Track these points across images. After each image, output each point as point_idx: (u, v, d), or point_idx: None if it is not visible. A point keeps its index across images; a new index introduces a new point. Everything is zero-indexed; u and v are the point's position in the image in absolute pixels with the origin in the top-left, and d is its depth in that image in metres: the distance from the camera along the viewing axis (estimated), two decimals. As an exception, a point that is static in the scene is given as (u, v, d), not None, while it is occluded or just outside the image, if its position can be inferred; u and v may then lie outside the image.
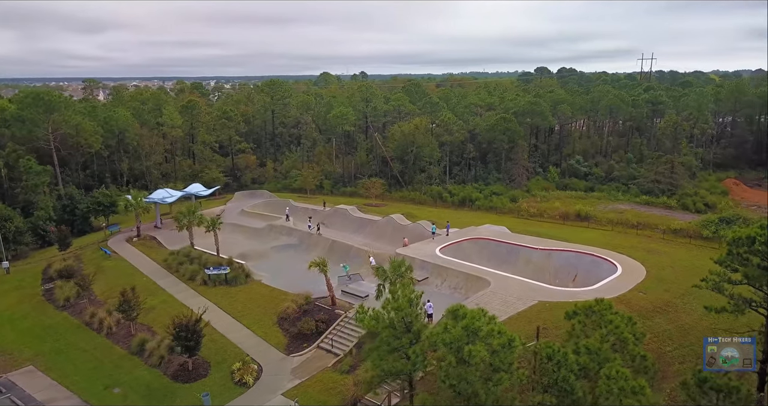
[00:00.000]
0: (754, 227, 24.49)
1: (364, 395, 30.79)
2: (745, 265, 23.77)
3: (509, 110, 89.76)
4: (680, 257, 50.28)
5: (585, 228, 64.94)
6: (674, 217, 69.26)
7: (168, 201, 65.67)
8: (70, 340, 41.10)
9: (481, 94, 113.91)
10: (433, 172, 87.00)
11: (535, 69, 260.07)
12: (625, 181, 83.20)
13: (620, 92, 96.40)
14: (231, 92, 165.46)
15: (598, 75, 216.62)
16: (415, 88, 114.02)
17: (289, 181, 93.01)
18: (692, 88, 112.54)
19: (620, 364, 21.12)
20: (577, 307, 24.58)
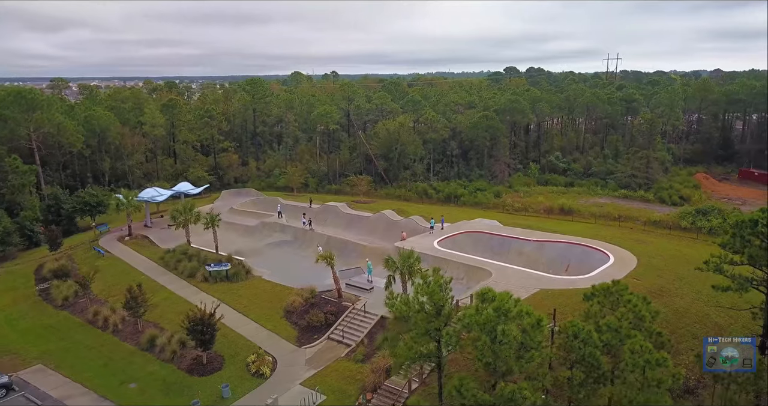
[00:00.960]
0: (756, 212, 26.47)
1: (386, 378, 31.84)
2: (747, 246, 25.64)
3: (490, 108, 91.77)
4: (665, 246, 52.78)
5: (569, 221, 67.24)
6: (652, 209, 72.29)
7: (158, 200, 65.32)
8: (76, 338, 40.89)
9: (460, 93, 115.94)
10: (417, 169, 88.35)
11: (504, 69, 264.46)
12: (603, 176, 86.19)
13: (597, 91, 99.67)
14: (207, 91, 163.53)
15: (566, 74, 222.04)
16: (395, 87, 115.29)
17: (273, 180, 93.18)
18: (662, 87, 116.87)
19: (642, 339, 22.67)
20: (594, 289, 26.13)
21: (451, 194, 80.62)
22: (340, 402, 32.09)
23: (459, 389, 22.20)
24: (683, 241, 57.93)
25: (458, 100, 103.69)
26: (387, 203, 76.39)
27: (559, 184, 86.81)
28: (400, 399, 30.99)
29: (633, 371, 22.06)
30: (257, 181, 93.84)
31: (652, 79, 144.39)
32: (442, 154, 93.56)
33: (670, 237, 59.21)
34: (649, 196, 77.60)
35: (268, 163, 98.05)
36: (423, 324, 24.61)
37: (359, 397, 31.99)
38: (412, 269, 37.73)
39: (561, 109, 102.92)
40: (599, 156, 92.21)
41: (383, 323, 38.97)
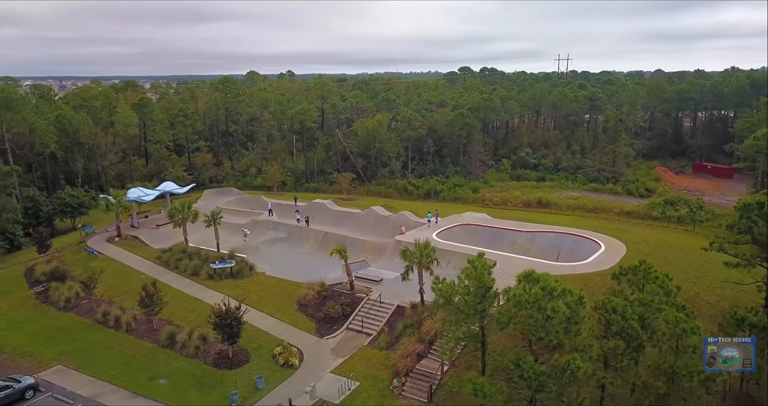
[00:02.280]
0: (759, 195, 29.52)
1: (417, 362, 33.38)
2: (752, 226, 28.63)
3: (463, 106, 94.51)
4: (646, 234, 56.49)
5: (548, 214, 70.52)
6: (623, 201, 76.55)
7: (146, 200, 64.49)
8: (90, 338, 40.48)
9: (432, 92, 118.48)
10: (395, 167, 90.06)
11: (459, 68, 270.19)
12: (573, 171, 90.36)
13: (563, 89, 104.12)
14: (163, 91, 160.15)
15: (518, 74, 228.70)
16: (365, 86, 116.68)
17: (250, 179, 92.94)
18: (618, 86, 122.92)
19: (675, 311, 25.13)
20: (622, 269, 28.54)
21: (430, 190, 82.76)
22: (374, 387, 33.40)
23: (517, 362, 24.01)
24: (657, 229, 62.10)
25: (431, 98, 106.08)
26: (370, 200, 77.76)
27: (532, 179, 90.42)
28: (434, 381, 32.60)
29: (670, 339, 24.45)
30: (232, 181, 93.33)
31: (608, 79, 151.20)
32: (418, 151, 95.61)
33: (644, 226, 63.29)
34: (617, 188, 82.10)
35: (243, 162, 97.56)
36: (472, 305, 26.28)
37: (393, 381, 33.38)
38: (429, 259, 39.32)
39: (528, 108, 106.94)
40: (567, 152, 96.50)
41: (400, 312, 40.58)
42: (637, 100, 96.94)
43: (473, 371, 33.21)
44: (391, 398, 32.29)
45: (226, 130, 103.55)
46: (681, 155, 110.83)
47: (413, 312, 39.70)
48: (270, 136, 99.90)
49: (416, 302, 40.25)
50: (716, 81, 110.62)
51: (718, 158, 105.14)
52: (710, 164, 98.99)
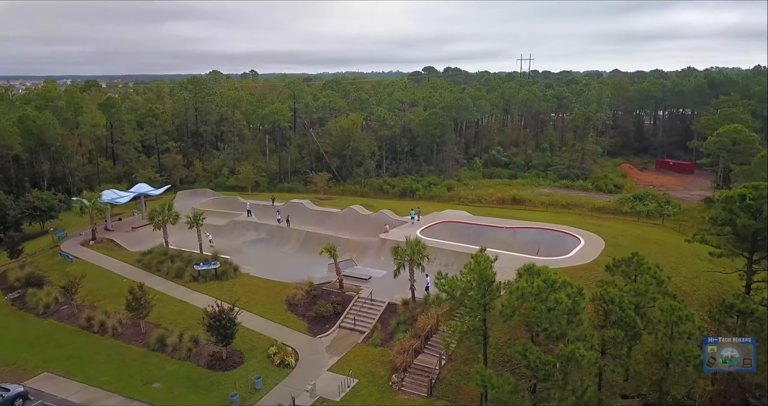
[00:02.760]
0: (740, 188, 31.07)
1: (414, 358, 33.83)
2: (734, 218, 30.14)
3: (435, 106, 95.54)
4: (620, 228, 58.42)
5: (522, 210, 72.02)
6: (593, 197, 78.76)
7: (120, 202, 63.01)
8: (75, 344, 39.45)
9: (404, 91, 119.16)
10: (370, 166, 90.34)
11: (423, 68, 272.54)
12: (543, 168, 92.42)
13: (533, 88, 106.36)
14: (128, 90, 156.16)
15: (482, 74, 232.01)
16: (336, 85, 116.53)
17: (222, 180, 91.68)
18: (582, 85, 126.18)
19: (669, 300, 26.29)
20: (615, 261, 29.64)
21: (406, 189, 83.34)
22: (373, 383, 33.71)
23: (524, 353, 24.72)
24: (628, 223, 64.23)
25: (402, 98, 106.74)
26: (347, 199, 77.88)
27: (503, 177, 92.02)
28: (433, 375, 33.12)
29: (666, 326, 25.59)
30: (204, 182, 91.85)
31: (571, 78, 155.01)
32: (391, 150, 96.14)
33: (616, 220, 65.33)
34: (587, 185, 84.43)
35: (214, 163, 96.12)
36: (476, 299, 26.88)
37: (392, 376, 33.74)
38: (420, 256, 39.84)
39: (497, 107, 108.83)
40: (537, 150, 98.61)
41: (392, 309, 40.97)
42: (603, 99, 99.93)
43: (471, 364, 33.91)
44: (391, 394, 32.67)
45: (196, 130, 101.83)
46: (644, 152, 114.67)
47: (405, 309, 40.16)
48: (241, 136, 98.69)
49: (408, 299, 40.73)
50: (675, 81, 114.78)
51: (679, 155, 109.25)
52: (672, 161, 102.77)
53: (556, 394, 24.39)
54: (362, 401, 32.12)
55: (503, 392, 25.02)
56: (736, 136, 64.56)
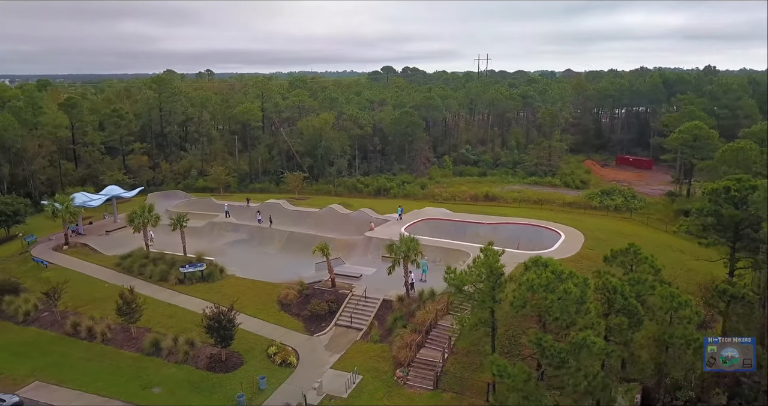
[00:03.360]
0: (724, 180, 32.95)
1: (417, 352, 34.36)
2: (718, 209, 31.97)
3: (405, 105, 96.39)
4: (595, 222, 60.61)
5: (496, 206, 73.62)
6: (562, 193, 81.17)
7: (93, 205, 61.04)
8: (63, 352, 38.19)
9: (373, 90, 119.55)
10: (342, 165, 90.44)
11: (381, 68, 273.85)
12: (512, 165, 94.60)
13: (499, 87, 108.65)
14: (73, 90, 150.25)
15: (440, 73, 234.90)
16: (302, 84, 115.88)
17: (191, 181, 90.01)
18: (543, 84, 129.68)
19: (667, 287, 27.73)
20: (613, 251, 30.98)
21: (380, 188, 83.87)
22: (378, 379, 34.07)
23: (538, 341, 25.61)
24: (599, 217, 66.60)
25: (372, 97, 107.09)
26: (322, 199, 77.85)
27: (473, 174, 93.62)
28: (437, 368, 33.76)
29: (666, 312, 27.00)
30: (172, 184, 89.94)
31: (531, 78, 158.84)
32: (362, 149, 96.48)
33: (587, 215, 67.62)
34: (555, 181, 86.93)
35: (181, 164, 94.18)
36: (486, 291, 27.65)
37: (396, 371, 34.19)
38: (415, 252, 40.44)
39: (464, 106, 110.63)
40: (505, 148, 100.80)
41: (387, 306, 41.41)
42: (566, 97, 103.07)
43: (472, 356, 34.81)
44: (397, 388, 33.12)
45: (161, 131, 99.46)
46: (603, 149, 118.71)
47: (401, 305, 40.68)
48: (209, 136, 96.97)
49: (402, 295, 41.26)
50: (632, 80, 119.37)
51: (637, 151, 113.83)
52: (632, 157, 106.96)
53: (570, 380, 25.36)
54: (369, 396, 32.45)
55: (518, 381, 25.84)
56: (697, 133, 67.87)
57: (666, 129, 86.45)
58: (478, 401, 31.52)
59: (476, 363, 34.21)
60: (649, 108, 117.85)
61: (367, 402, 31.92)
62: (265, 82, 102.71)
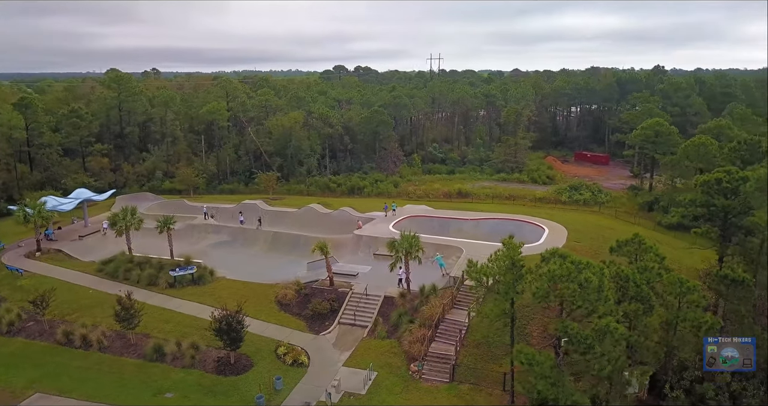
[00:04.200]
0: (716, 173, 35.07)
1: (428, 346, 34.95)
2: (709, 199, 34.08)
3: (373, 104, 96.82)
4: (570, 216, 62.96)
5: (470, 203, 75.24)
6: (531, 188, 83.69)
7: (64, 209, 58.52)
8: (58, 362, 36.61)
9: (338, 90, 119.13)
10: (312, 164, 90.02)
11: (333, 67, 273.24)
12: (479, 163, 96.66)
13: (465, 87, 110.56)
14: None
15: (392, 73, 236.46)
16: (264, 83, 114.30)
17: (157, 183, 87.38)
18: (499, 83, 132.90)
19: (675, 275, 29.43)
20: (619, 242, 32.54)
21: (353, 187, 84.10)
22: (393, 374, 34.45)
23: (565, 329, 26.70)
24: (570, 211, 69.13)
25: (338, 96, 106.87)
26: (296, 199, 77.36)
27: (442, 172, 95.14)
28: (451, 361, 34.45)
29: (675, 297, 28.67)
30: (136, 186, 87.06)
31: (487, 78, 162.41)
32: (331, 149, 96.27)
33: (558, 209, 70.05)
34: (523, 177, 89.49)
35: (145, 165, 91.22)
36: (510, 283, 28.54)
37: (411, 366, 34.67)
38: (417, 249, 41.04)
39: (430, 105, 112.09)
40: (471, 146, 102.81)
41: (388, 302, 41.83)
42: (528, 96, 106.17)
43: (482, 348, 35.75)
44: (414, 383, 33.59)
45: (120, 131, 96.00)
46: (560, 146, 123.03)
47: (403, 301, 41.19)
48: (174, 137, 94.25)
49: (404, 291, 41.79)
50: (587, 79, 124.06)
51: (593, 147, 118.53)
52: (589, 153, 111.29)
53: (596, 365, 26.57)
54: (387, 392, 32.80)
55: (545, 368, 26.87)
56: (659, 129, 71.49)
57: (625, 126, 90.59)
58: (496, 391, 32.44)
59: (488, 355, 35.19)
60: (603, 106, 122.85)
61: (385, 398, 32.27)
62: (230, 82, 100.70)
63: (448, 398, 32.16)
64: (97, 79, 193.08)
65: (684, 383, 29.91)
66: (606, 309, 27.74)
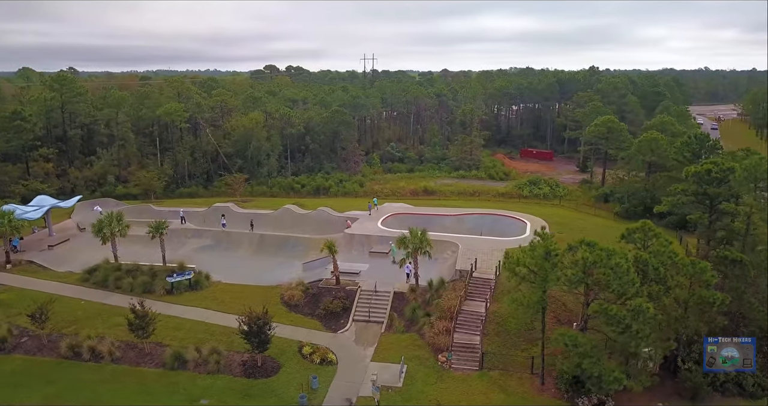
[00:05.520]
0: (705, 164, 38.60)
1: (452, 337, 36.30)
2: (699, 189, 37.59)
3: (326, 103, 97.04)
4: (539, 209, 66.39)
5: (438, 199, 77.54)
6: (490, 185, 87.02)
7: (32, 217, 54.96)
8: (69, 377, 34.84)
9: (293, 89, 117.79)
10: (273, 165, 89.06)
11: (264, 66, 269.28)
12: (437, 161, 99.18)
13: (420, 87, 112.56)
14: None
15: (325, 73, 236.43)
16: (214, 83, 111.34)
17: (110, 188, 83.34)
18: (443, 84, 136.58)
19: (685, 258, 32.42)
20: (629, 230, 35.25)
21: (318, 187, 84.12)
22: (422, 366, 35.50)
23: (605, 310, 28.85)
24: (535, 205, 72.75)
25: (292, 95, 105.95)
26: (266, 200, 76.58)
27: (402, 171, 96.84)
28: (477, 349, 35.97)
29: (690, 278, 31.62)
30: (86, 192, 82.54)
31: (428, 78, 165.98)
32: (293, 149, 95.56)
33: (523, 203, 73.69)
34: (481, 174, 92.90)
35: (94, 169, 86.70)
36: (549, 271, 30.39)
37: (439, 356, 35.87)
38: (427, 244, 42.26)
39: (385, 104, 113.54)
40: (429, 144, 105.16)
41: (399, 297, 42.81)
42: (478, 96, 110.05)
43: (502, 336, 37.55)
44: (445, 372, 34.81)
45: (63, 134, 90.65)
46: (505, 143, 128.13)
47: (414, 295, 42.31)
48: (126, 139, 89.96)
49: (414, 286, 42.91)
50: (531, 79, 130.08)
51: (536, 144, 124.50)
52: (535, 150, 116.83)
53: (632, 343, 28.92)
54: (423, 382, 33.81)
55: (587, 348, 28.93)
56: (611, 126, 76.64)
57: (572, 123, 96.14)
58: (525, 374, 34.26)
59: (508, 342, 37.02)
60: (544, 105, 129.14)
61: (423, 388, 33.29)
62: (182, 82, 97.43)
63: (481, 384, 33.62)
64: (7, 78, 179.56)
65: (693, 356, 32.97)
66: (634, 291, 30.19)
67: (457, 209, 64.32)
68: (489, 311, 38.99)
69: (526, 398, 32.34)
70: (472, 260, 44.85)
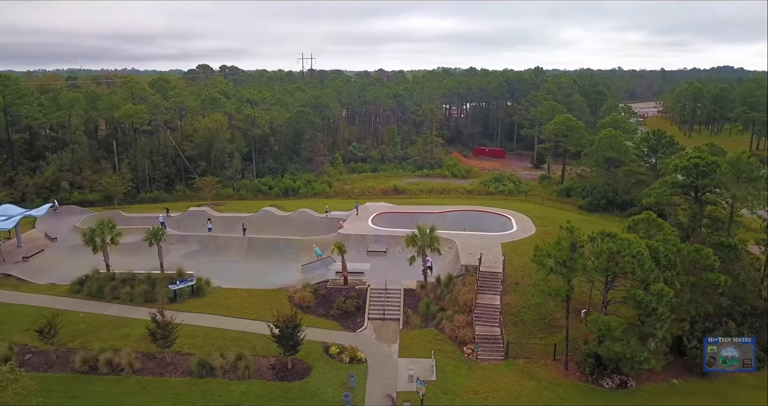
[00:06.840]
0: (693, 159, 41.98)
1: (474, 330, 37.76)
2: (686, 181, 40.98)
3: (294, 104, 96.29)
4: (511, 205, 69.03)
5: (410, 198, 79.05)
6: (456, 182, 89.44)
7: (5, 227, 51.53)
8: (91, 391, 33.41)
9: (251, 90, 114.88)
10: (237, 167, 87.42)
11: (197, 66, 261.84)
12: (399, 160, 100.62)
13: (379, 88, 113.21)
14: None
15: (261, 73, 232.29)
16: (165, 84, 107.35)
17: (65, 195, 78.93)
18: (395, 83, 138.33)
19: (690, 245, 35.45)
20: (634, 220, 37.97)
21: (287, 188, 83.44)
22: (450, 358, 36.66)
23: (633, 295, 31.16)
24: (504, 201, 75.56)
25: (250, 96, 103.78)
26: (237, 203, 75.46)
27: (366, 171, 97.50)
28: (499, 340, 37.58)
29: (696, 263, 34.64)
30: (38, 200, 77.82)
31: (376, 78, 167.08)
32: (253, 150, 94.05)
33: (492, 200, 76.32)
34: (444, 172, 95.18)
35: (45, 175, 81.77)
36: (579, 262, 32.39)
37: (464, 349, 37.19)
38: (437, 242, 43.47)
39: (343, 104, 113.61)
40: (391, 143, 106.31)
41: (409, 294, 43.81)
42: (434, 96, 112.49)
43: (520, 326, 39.37)
44: (474, 364, 36.14)
45: (7, 139, 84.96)
46: (456, 142, 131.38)
47: (424, 291, 43.46)
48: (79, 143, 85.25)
49: (424, 283, 44.05)
50: (479, 79, 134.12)
51: (486, 142, 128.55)
52: (487, 148, 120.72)
53: (658, 324, 31.42)
54: (455, 374, 34.98)
55: (618, 332, 31.17)
56: (570, 124, 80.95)
57: (525, 122, 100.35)
58: (548, 361, 36.22)
59: (526, 331, 38.88)
60: (493, 104, 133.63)
61: (456, 380, 34.44)
62: (136, 82, 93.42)
63: (510, 372, 35.23)
64: None
65: (697, 335, 36.07)
66: (654, 276, 32.75)
67: (439, 206, 65.99)
68: (503, 303, 40.69)
69: (555, 383, 34.24)
70: (474, 255, 46.42)
